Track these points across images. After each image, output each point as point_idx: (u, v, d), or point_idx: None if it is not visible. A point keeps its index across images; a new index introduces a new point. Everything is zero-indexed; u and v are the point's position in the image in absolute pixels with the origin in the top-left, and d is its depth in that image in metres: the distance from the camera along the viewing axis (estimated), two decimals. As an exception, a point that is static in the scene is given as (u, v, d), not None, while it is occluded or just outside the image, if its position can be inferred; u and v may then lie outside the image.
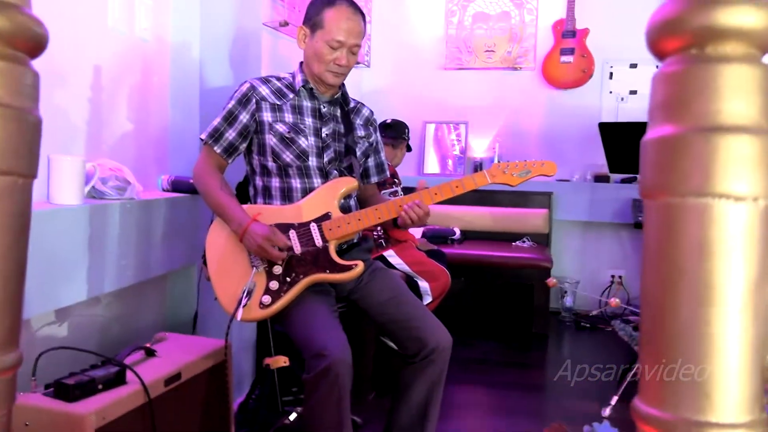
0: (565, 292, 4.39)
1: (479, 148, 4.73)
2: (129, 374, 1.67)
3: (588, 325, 4.18)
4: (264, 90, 1.97)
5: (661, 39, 0.33)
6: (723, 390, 0.31)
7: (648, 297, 0.34)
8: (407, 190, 2.52)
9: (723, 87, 0.31)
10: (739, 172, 0.30)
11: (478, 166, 4.63)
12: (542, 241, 4.43)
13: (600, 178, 4.41)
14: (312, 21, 1.94)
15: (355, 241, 2.07)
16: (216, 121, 1.95)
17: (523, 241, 4.37)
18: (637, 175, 0.65)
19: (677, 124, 0.32)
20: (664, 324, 0.32)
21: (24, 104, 0.38)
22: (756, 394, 0.31)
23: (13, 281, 0.39)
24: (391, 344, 2.78)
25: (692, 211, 0.31)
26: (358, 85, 4.75)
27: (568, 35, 4.41)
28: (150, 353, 1.87)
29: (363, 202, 2.14)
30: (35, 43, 0.39)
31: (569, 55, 4.42)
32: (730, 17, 0.31)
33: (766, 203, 0.31)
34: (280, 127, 1.94)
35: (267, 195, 1.99)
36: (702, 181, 0.31)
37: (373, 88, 4.85)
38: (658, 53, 0.34)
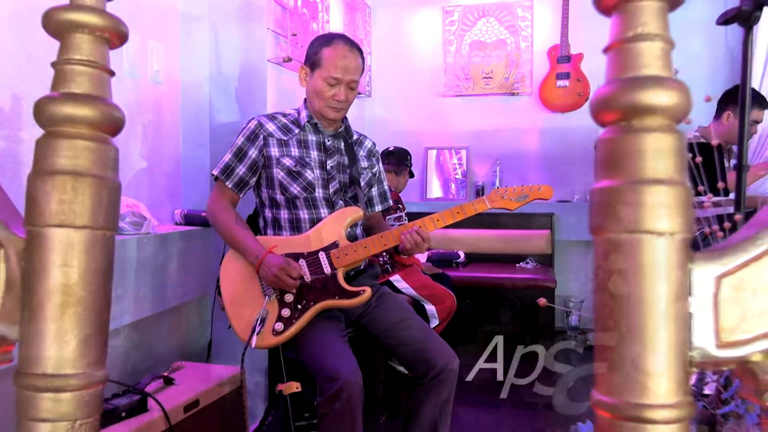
0: (570, 311, 4.43)
1: (480, 171, 4.83)
2: (150, 401, 1.75)
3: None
4: (271, 126, 2.07)
5: (600, 113, 0.42)
6: (656, 379, 0.40)
7: (598, 311, 0.42)
8: (411, 215, 2.60)
9: (646, 151, 0.40)
10: (659, 214, 0.40)
11: (479, 190, 4.73)
12: (545, 261, 4.49)
13: (600, 198, 4.48)
14: (311, 60, 2.05)
15: (362, 267, 2.15)
16: (226, 158, 2.05)
17: (527, 263, 4.44)
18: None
19: (614, 178, 0.41)
20: (610, 330, 0.41)
21: (108, 174, 0.47)
22: (681, 381, 0.41)
23: (103, 312, 0.48)
24: (400, 368, 2.85)
25: (627, 244, 0.40)
26: (360, 114, 4.87)
27: (563, 60, 4.53)
28: (168, 381, 1.94)
29: (368, 230, 2.23)
30: (115, 126, 0.49)
31: (565, 79, 4.53)
32: (649, 97, 0.40)
33: (681, 237, 0.41)
34: (287, 161, 2.03)
35: (276, 226, 2.08)
36: (633, 221, 0.40)
37: (374, 116, 4.98)
38: (599, 123, 0.43)
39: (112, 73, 0.49)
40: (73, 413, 0.45)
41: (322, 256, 1.97)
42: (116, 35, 0.48)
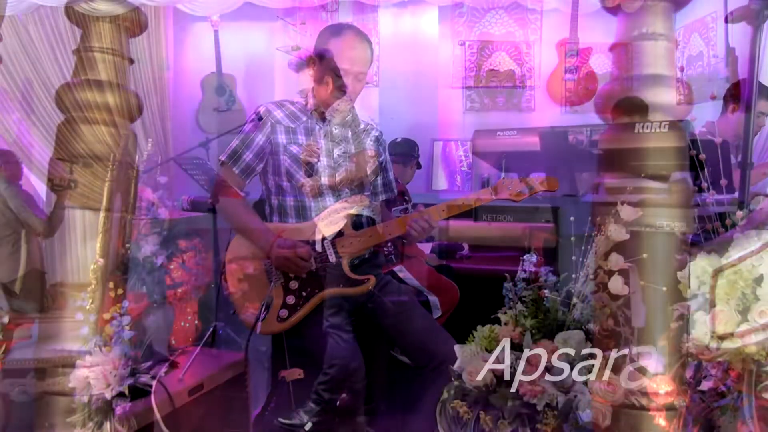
0: (574, 305, 4.43)
1: (486, 164, 4.81)
2: (155, 384, 1.77)
3: (595, 338, 4.22)
4: (278, 114, 2.07)
5: (603, 110, 0.44)
6: (653, 368, 0.41)
7: (598, 303, 0.44)
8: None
9: (648, 147, 0.41)
10: (659, 210, 0.41)
11: (485, 182, 4.70)
12: (550, 255, 4.47)
13: (605, 193, 4.47)
14: (320, 50, 2.06)
15: (366, 256, 2.16)
16: (234, 143, 2.06)
17: (531, 256, 4.42)
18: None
19: (617, 173, 0.42)
20: (610, 321, 0.42)
21: (126, 159, 0.48)
22: (678, 371, 0.42)
23: (119, 292, 0.49)
24: (402, 358, 2.86)
25: (628, 238, 0.42)
26: (367, 104, 4.86)
27: (572, 54, 4.50)
28: (174, 366, 1.96)
29: (372, 219, 2.24)
30: (133, 112, 0.50)
31: (573, 73, 4.51)
32: (652, 96, 0.41)
33: (680, 232, 0.42)
34: (294, 149, 2.04)
35: (282, 213, 2.09)
36: (634, 215, 0.41)
37: (382, 106, 4.96)
38: (603, 119, 0.45)
39: (132, 61, 0.51)
40: (88, 388, 0.46)
41: (327, 244, 1.98)
42: (136, 24, 0.49)
